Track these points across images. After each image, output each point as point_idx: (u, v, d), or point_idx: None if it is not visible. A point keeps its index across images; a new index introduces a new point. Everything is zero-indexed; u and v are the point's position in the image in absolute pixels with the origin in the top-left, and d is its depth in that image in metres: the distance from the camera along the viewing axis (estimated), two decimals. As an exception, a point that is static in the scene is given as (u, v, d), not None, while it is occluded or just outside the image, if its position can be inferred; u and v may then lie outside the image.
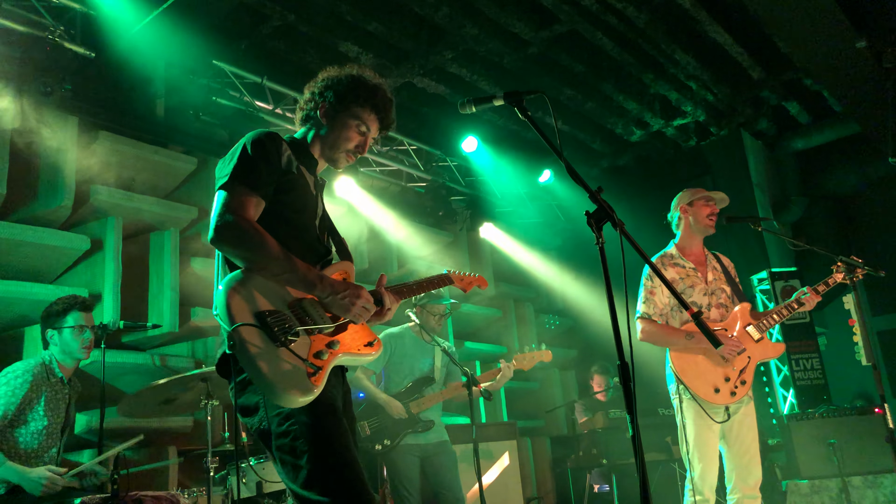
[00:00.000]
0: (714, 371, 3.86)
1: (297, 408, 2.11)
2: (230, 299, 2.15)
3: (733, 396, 3.83)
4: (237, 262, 2.25)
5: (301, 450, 2.10)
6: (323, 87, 2.54)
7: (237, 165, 2.28)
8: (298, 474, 2.09)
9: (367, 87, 2.53)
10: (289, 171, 2.40)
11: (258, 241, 2.20)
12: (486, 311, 8.21)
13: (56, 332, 3.75)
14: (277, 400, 2.08)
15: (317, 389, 2.12)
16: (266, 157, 2.33)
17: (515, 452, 6.58)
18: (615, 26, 6.55)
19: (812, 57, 6.46)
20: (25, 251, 4.58)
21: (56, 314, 3.77)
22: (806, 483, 6.03)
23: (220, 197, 2.25)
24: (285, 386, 2.07)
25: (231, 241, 2.21)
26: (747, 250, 8.32)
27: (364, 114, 2.53)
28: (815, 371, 7.60)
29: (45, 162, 4.81)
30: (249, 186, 2.27)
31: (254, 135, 2.38)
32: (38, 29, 4.49)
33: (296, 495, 2.11)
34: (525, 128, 8.09)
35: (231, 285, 2.18)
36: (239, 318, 2.11)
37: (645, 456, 2.02)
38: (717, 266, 4.20)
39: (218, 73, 5.59)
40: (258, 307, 2.17)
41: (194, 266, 5.38)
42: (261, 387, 2.10)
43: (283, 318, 2.19)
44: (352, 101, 2.51)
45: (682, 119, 8.39)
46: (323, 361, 2.20)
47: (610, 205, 2.12)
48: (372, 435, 4.76)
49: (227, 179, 2.26)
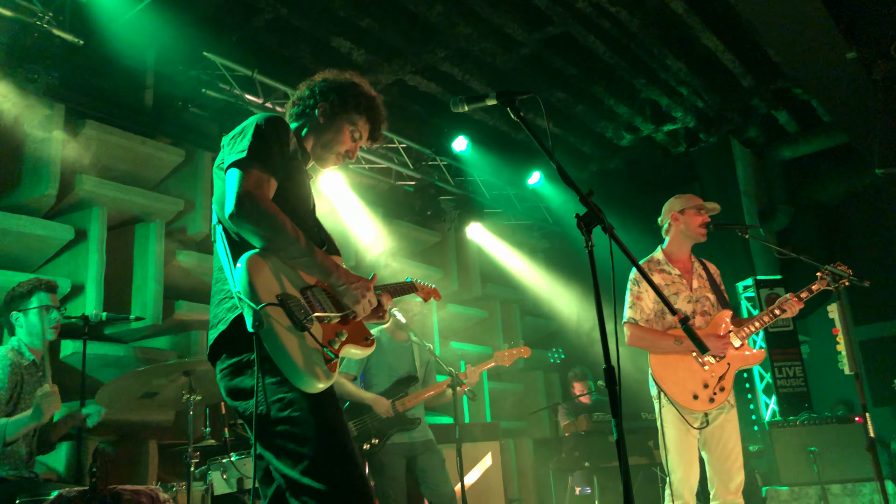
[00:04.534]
0: (693, 378, 3.86)
1: (300, 394, 2.08)
2: (253, 277, 2.10)
3: (712, 403, 3.83)
4: (254, 241, 2.20)
5: (303, 437, 2.07)
6: (325, 88, 2.56)
7: (253, 144, 2.24)
8: (300, 462, 2.06)
9: (367, 97, 2.59)
10: (294, 158, 2.40)
11: (280, 221, 2.18)
12: (472, 311, 8.20)
13: (21, 314, 3.72)
14: (298, 382, 2.06)
15: (334, 376, 2.13)
16: (279, 139, 2.33)
17: (498, 453, 6.58)
18: (608, 30, 6.56)
19: (802, 66, 6.50)
20: (8, 239, 4.53)
21: (20, 296, 3.74)
22: (786, 490, 6.07)
23: (237, 174, 2.20)
24: (308, 370, 2.06)
25: (253, 218, 2.16)
26: (733, 257, 8.37)
27: (360, 122, 2.58)
28: (798, 379, 7.65)
29: (31, 149, 4.76)
30: (266, 166, 2.24)
31: (267, 115, 2.36)
32: (26, 15, 4.43)
33: (293, 483, 2.06)
34: (515, 129, 8.09)
35: (252, 263, 2.14)
36: (265, 298, 2.07)
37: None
38: (703, 273, 4.20)
39: (208, 65, 5.55)
40: (278, 289, 2.14)
41: (179, 259, 5.33)
42: (284, 368, 2.06)
43: (299, 303, 2.17)
44: (353, 107, 2.55)
45: (672, 125, 8.43)
46: (336, 349, 2.21)
47: (600, 208, 2.12)
48: (358, 435, 4.74)
49: (243, 157, 2.22)
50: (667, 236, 4.25)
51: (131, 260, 5.16)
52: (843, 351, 4.25)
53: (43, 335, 3.76)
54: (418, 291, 3.03)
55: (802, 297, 4.04)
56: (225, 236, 2.29)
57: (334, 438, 2.11)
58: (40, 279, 3.84)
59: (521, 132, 8.11)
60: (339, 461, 2.08)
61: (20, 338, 3.74)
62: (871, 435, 3.83)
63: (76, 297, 4.76)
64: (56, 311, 3.80)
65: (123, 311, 4.83)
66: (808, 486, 6.00)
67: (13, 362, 3.61)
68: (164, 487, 3.62)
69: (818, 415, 6.48)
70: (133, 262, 5.16)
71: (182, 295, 5.33)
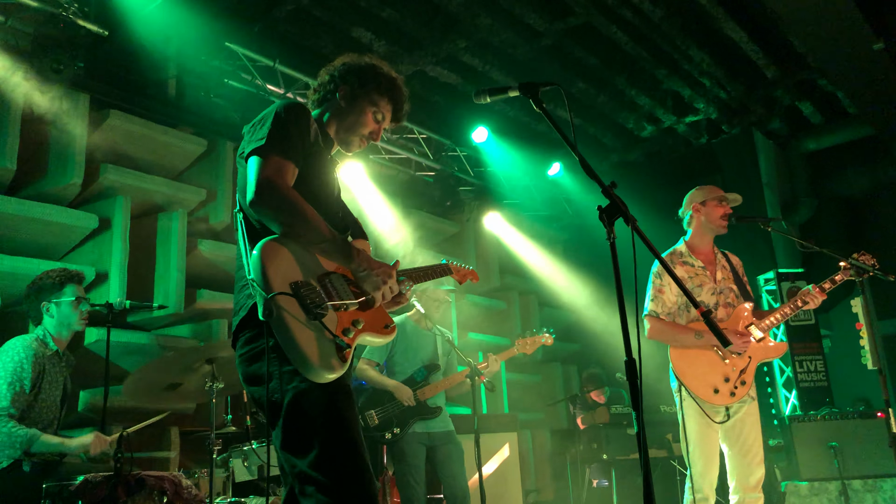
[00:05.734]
0: (713, 372, 3.84)
1: (313, 385, 2.08)
2: (267, 264, 2.11)
3: (733, 397, 3.81)
4: (274, 228, 2.21)
5: (313, 429, 2.07)
6: (345, 71, 2.56)
7: (272, 131, 2.25)
8: (308, 453, 2.06)
9: (387, 78, 2.58)
10: (316, 144, 2.41)
11: (300, 207, 2.19)
12: (491, 302, 8.21)
13: (54, 305, 3.76)
14: (307, 373, 2.06)
15: (345, 366, 2.12)
16: (299, 126, 2.33)
17: (515, 444, 6.59)
18: (630, 20, 6.50)
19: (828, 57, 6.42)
20: (33, 228, 4.59)
21: (51, 287, 3.77)
22: (805, 485, 6.03)
23: (257, 162, 2.21)
24: (317, 360, 2.05)
25: (273, 205, 2.17)
26: (754, 250, 8.28)
27: (382, 102, 2.57)
28: (819, 373, 7.59)
29: (56, 139, 4.81)
30: (285, 153, 2.25)
31: (286, 103, 2.37)
32: (51, 5, 4.48)
33: (300, 473, 2.07)
34: (535, 120, 8.05)
35: (266, 250, 2.14)
36: (276, 287, 2.07)
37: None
38: (727, 265, 4.17)
39: (230, 56, 5.58)
40: (292, 276, 2.15)
41: (201, 248, 5.38)
42: (293, 358, 2.06)
43: (314, 291, 2.17)
44: (373, 88, 2.54)
45: (695, 116, 8.35)
46: (350, 339, 2.19)
47: (623, 200, 2.11)
48: (380, 424, 4.77)
49: (263, 144, 2.23)
50: (689, 228, 4.23)
51: (154, 249, 5.22)
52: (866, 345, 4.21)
53: (73, 326, 3.82)
54: (454, 273, 3.02)
55: (826, 287, 4.00)
56: (245, 224, 2.31)
57: (344, 433, 2.10)
58: (69, 270, 3.88)
59: (541, 123, 8.07)
60: (347, 456, 2.07)
61: (46, 327, 3.78)
62: (894, 430, 3.79)
63: (100, 286, 4.82)
64: (86, 303, 3.86)
65: (146, 300, 4.89)
66: (829, 482, 5.96)
67: (37, 352, 3.66)
68: (186, 474, 3.66)
69: (839, 409, 6.42)
70: (156, 251, 5.21)
71: (204, 284, 5.38)
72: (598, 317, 8.37)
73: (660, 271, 4.06)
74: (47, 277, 3.80)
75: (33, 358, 3.61)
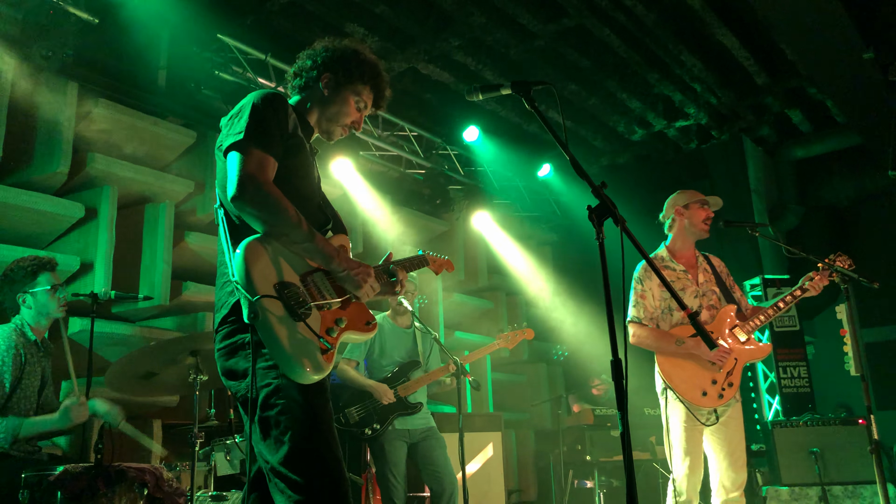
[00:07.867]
0: (701, 374, 3.86)
1: (289, 382, 2.09)
2: (250, 267, 2.10)
3: (721, 399, 3.83)
4: (256, 225, 2.19)
5: (286, 426, 2.07)
6: (329, 59, 2.52)
7: (250, 124, 2.22)
8: (279, 450, 2.06)
9: (371, 65, 2.55)
10: (295, 135, 2.37)
11: (282, 206, 2.17)
12: (478, 301, 8.21)
13: (30, 296, 3.69)
14: (292, 374, 2.06)
15: (329, 366, 2.12)
16: (277, 118, 2.29)
17: (500, 444, 6.60)
18: (623, 24, 6.52)
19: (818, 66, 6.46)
20: (19, 216, 4.55)
21: (23, 278, 3.68)
22: (786, 490, 6.07)
23: (237, 157, 2.18)
24: (302, 362, 2.06)
25: (255, 203, 2.15)
26: (741, 255, 8.34)
27: (365, 91, 2.55)
28: (802, 379, 7.64)
29: (43, 127, 4.76)
30: (265, 147, 2.22)
31: (263, 93, 2.32)
32: (42, -9, 4.43)
33: (272, 470, 2.08)
34: (527, 120, 8.06)
35: (250, 251, 2.13)
36: (261, 290, 2.07)
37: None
38: (708, 268, 4.18)
39: (222, 48, 5.54)
40: (276, 278, 2.14)
41: (188, 240, 5.35)
42: (278, 360, 2.07)
43: (298, 292, 2.17)
44: (357, 77, 2.51)
45: (685, 121, 8.38)
46: (333, 338, 2.20)
47: (612, 201, 2.11)
48: (360, 421, 4.76)
49: (241, 138, 2.19)
50: (670, 232, 4.23)
51: (140, 240, 5.18)
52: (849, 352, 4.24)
53: (52, 314, 3.76)
54: (430, 265, 3.03)
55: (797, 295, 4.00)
56: (226, 220, 2.28)
57: (317, 432, 2.10)
58: (40, 258, 3.79)
59: (532, 123, 8.08)
60: (319, 455, 2.07)
61: (24, 318, 3.72)
62: (875, 437, 3.82)
63: (85, 275, 4.78)
64: (62, 289, 3.80)
65: (131, 291, 4.84)
66: (809, 487, 6.00)
67: (17, 343, 3.61)
68: (167, 466, 3.63)
69: (821, 415, 6.47)
70: (142, 242, 5.17)
71: (190, 276, 5.35)
72: (584, 318, 8.39)
73: (641, 276, 4.07)
74: (18, 268, 3.70)
75: (14, 350, 3.56)
